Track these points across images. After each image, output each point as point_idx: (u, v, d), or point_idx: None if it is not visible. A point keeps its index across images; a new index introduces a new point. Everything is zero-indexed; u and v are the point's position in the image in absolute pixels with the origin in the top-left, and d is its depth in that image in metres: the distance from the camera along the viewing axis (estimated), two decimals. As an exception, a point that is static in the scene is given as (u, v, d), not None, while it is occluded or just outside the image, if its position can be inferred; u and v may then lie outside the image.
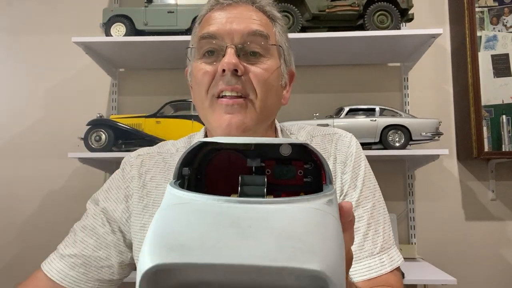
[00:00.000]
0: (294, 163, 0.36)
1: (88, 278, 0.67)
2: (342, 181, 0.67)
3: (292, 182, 0.36)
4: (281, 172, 0.37)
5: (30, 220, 1.67)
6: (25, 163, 1.71)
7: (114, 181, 0.72)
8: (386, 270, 0.62)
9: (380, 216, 0.66)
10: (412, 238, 1.61)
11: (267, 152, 0.36)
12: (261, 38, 0.63)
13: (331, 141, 0.70)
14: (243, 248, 0.20)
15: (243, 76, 0.61)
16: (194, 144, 0.33)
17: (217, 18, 0.64)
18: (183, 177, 0.34)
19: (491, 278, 1.60)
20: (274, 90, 0.64)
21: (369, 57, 1.62)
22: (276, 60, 0.65)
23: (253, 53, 0.63)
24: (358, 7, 1.41)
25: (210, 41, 0.63)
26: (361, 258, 0.63)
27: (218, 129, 0.62)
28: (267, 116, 0.65)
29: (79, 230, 0.69)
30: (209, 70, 0.62)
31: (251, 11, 0.65)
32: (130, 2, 1.77)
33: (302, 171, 0.36)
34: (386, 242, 0.65)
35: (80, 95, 1.74)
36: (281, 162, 0.36)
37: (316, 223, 0.23)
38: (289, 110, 1.63)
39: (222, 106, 0.61)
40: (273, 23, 0.69)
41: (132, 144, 1.46)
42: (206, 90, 0.63)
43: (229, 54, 0.60)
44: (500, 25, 1.64)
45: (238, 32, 0.62)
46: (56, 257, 0.68)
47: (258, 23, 0.64)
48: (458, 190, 1.66)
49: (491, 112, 1.60)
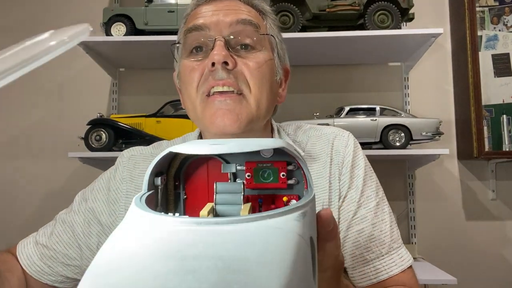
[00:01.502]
0: (276, 165, 0.34)
1: (53, 271, 0.65)
2: (340, 183, 0.64)
3: (274, 185, 0.34)
4: (262, 175, 0.34)
5: (31, 220, 1.67)
6: (26, 163, 1.71)
7: (105, 181, 0.69)
8: (396, 271, 0.59)
9: (385, 215, 0.63)
10: (413, 238, 1.61)
11: (247, 155, 0.34)
12: (251, 28, 0.59)
13: (327, 141, 0.67)
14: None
15: (234, 69, 0.57)
16: (162, 154, 0.31)
17: (203, 11, 0.61)
18: (156, 187, 0.32)
19: (492, 277, 1.60)
20: (268, 84, 0.60)
21: (370, 56, 1.62)
22: (269, 53, 0.61)
23: (244, 46, 0.59)
24: (358, 6, 1.41)
25: (196, 34, 0.59)
26: (369, 261, 0.60)
27: (211, 128, 0.57)
28: (263, 113, 0.60)
29: (59, 223, 0.67)
30: (197, 66, 0.58)
31: (238, 4, 0.62)
32: (131, 2, 1.76)
33: (285, 173, 0.34)
34: (394, 241, 0.62)
35: (80, 94, 1.74)
36: (262, 164, 0.34)
37: (273, 248, 0.20)
38: (289, 110, 1.63)
39: (215, 103, 0.57)
40: (263, 16, 0.65)
41: (132, 143, 1.45)
42: (196, 87, 0.59)
43: (218, 46, 0.56)
44: (501, 24, 1.64)
45: (226, 22, 0.58)
46: (32, 241, 0.67)
47: (247, 13, 0.61)
48: (459, 190, 1.65)
49: (491, 111, 1.60)
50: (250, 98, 0.58)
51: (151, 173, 0.31)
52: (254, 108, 0.58)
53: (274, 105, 0.65)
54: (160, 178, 0.32)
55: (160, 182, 0.32)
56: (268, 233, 0.22)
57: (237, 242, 0.21)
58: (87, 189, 0.70)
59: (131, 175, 0.67)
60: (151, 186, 0.32)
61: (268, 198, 0.35)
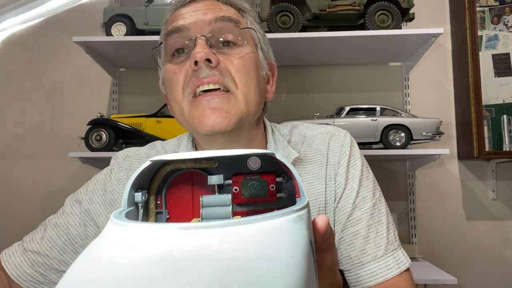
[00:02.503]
0: (264, 177, 0.32)
1: (46, 279, 0.61)
2: (336, 184, 0.62)
3: (263, 199, 0.32)
4: (250, 189, 0.32)
5: (31, 220, 1.67)
6: (26, 163, 1.71)
7: (100, 183, 0.67)
8: (393, 273, 0.57)
9: (382, 216, 0.61)
10: (413, 238, 1.61)
11: (233, 167, 0.32)
12: (231, 24, 0.58)
13: (323, 141, 0.65)
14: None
15: (218, 66, 0.55)
16: (144, 166, 0.28)
17: (182, 13, 0.60)
18: (136, 204, 0.29)
19: (492, 278, 1.60)
20: (255, 79, 0.59)
21: (370, 56, 1.62)
22: (252, 48, 0.60)
23: (226, 43, 0.58)
24: (358, 6, 1.41)
25: (176, 36, 0.58)
26: (364, 263, 0.58)
27: (200, 127, 0.55)
28: (252, 109, 0.59)
29: (50, 227, 0.64)
30: (179, 68, 0.57)
31: (217, 4, 0.61)
32: (131, 2, 1.76)
33: (274, 186, 0.32)
34: (391, 243, 0.60)
35: (80, 94, 1.74)
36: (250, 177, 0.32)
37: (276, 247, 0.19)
38: (290, 110, 1.63)
39: (202, 103, 0.55)
40: (242, 13, 0.64)
41: (133, 143, 1.45)
42: (181, 90, 0.57)
43: (199, 45, 0.55)
44: (501, 24, 1.64)
45: (205, 21, 0.57)
46: (19, 249, 0.63)
47: (225, 11, 0.60)
48: (459, 190, 1.65)
49: (492, 111, 1.60)
50: (238, 94, 0.57)
51: (131, 188, 0.28)
52: (243, 104, 0.57)
53: (263, 102, 0.64)
54: (140, 193, 0.29)
55: (140, 198, 0.29)
56: (268, 234, 0.20)
57: (233, 244, 0.19)
58: (79, 192, 0.68)
59: (128, 175, 0.66)
60: (131, 203, 0.29)
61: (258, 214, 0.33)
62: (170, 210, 0.33)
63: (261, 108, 0.64)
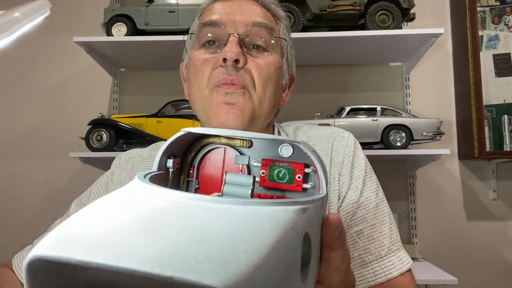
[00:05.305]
0: (293, 165, 0.32)
1: None
2: (340, 184, 0.63)
3: (288, 187, 0.32)
4: (278, 175, 0.32)
5: (32, 220, 1.67)
6: (26, 163, 1.72)
7: (102, 186, 0.68)
8: (395, 273, 0.58)
9: (385, 216, 0.62)
10: (413, 238, 1.61)
11: (265, 152, 0.33)
12: (265, 31, 0.60)
13: (327, 141, 0.66)
14: (139, 247, 0.16)
15: (243, 68, 0.57)
16: (178, 134, 0.30)
17: (220, 8, 0.61)
18: (167, 169, 0.31)
19: (493, 278, 1.60)
20: (273, 86, 0.60)
21: (371, 56, 1.62)
22: (279, 57, 0.62)
23: (256, 47, 0.60)
24: (359, 6, 1.41)
25: (211, 29, 0.60)
26: (367, 263, 0.59)
27: (214, 119, 0.57)
28: (264, 113, 0.60)
29: None
30: (210, 59, 0.59)
31: (255, 5, 0.62)
32: (131, 2, 1.77)
33: (301, 176, 0.32)
34: (393, 243, 0.61)
35: (81, 94, 1.74)
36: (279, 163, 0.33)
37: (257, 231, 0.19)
38: (290, 110, 1.62)
39: (221, 94, 0.57)
40: (277, 20, 0.65)
41: (133, 143, 1.46)
42: (207, 79, 0.59)
43: (231, 43, 0.57)
44: (502, 24, 1.64)
45: (241, 22, 0.59)
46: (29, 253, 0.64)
47: (263, 17, 0.61)
48: (460, 190, 1.65)
49: (492, 111, 1.60)
50: (254, 96, 0.59)
51: (164, 153, 0.30)
52: (256, 105, 0.59)
53: (276, 108, 0.65)
54: (172, 160, 0.31)
55: (172, 164, 0.31)
56: (258, 218, 0.20)
57: (221, 220, 0.19)
58: (83, 196, 0.69)
59: (130, 177, 0.66)
60: (162, 167, 0.30)
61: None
62: (201, 181, 0.35)
63: (273, 114, 0.65)
